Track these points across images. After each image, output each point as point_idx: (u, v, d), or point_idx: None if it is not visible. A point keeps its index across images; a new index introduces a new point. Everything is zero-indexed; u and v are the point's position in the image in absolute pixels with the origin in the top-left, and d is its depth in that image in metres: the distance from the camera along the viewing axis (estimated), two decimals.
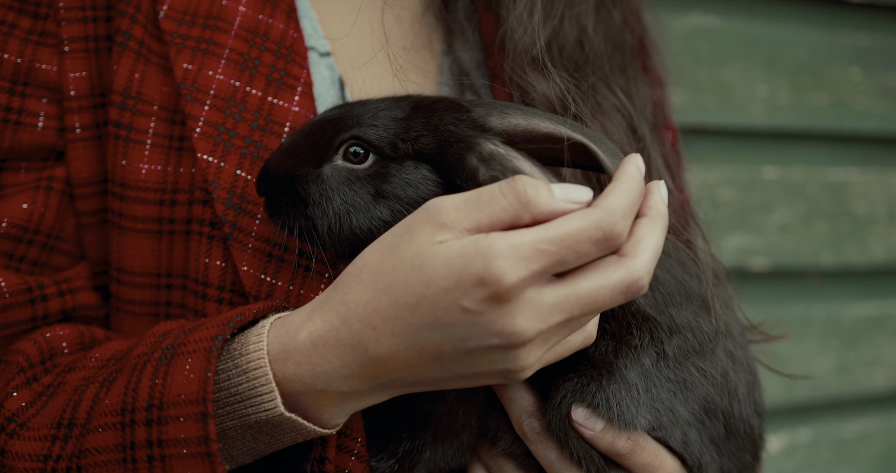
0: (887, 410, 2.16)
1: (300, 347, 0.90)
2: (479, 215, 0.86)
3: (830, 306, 2.07)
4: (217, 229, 1.05)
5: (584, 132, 0.98)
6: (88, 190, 1.12)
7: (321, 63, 1.17)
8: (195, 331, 0.95)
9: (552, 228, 0.85)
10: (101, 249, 1.12)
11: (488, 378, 0.90)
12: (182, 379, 0.91)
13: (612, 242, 0.86)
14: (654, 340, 0.99)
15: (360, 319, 0.88)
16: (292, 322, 0.92)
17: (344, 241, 0.98)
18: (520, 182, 0.86)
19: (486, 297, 0.84)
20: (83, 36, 1.12)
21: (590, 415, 0.98)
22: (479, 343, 0.86)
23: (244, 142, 1.07)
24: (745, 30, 1.95)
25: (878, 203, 2.10)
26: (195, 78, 1.09)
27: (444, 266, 0.85)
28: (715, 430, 1.02)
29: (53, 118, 1.11)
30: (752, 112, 1.96)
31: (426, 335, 0.87)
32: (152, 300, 1.09)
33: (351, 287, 0.90)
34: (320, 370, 0.90)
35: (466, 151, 0.95)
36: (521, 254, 0.83)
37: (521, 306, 0.85)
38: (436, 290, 0.85)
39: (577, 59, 1.19)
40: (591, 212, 0.86)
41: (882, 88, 2.08)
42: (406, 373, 0.89)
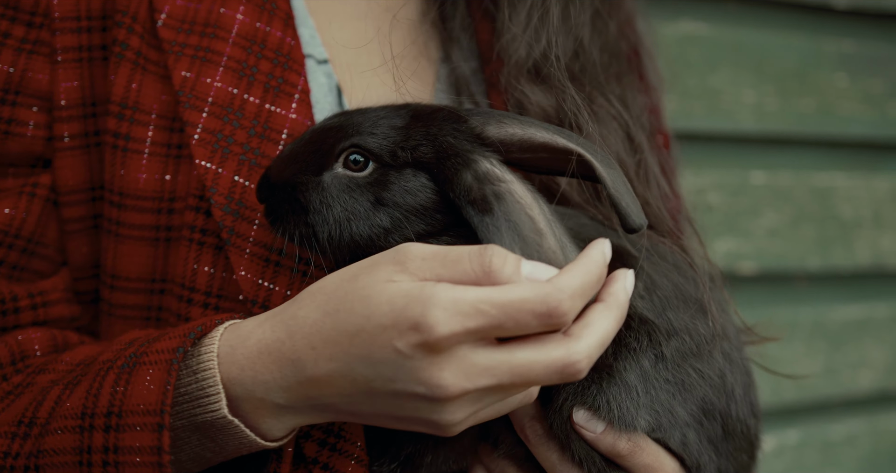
0: (873, 412, 2.18)
1: (247, 352, 0.92)
2: (441, 270, 0.87)
3: (817, 309, 2.10)
4: (208, 236, 1.06)
5: (580, 142, 0.99)
6: (74, 197, 1.12)
7: (319, 70, 1.18)
8: (158, 341, 0.96)
9: (498, 291, 0.85)
10: (87, 255, 1.13)
11: (417, 426, 0.90)
12: (142, 389, 0.92)
13: (554, 318, 0.85)
14: (653, 342, 1.00)
15: (304, 336, 0.90)
16: (244, 327, 0.94)
17: (344, 248, 1.00)
18: (489, 252, 0.87)
19: (418, 343, 0.84)
20: (76, 46, 1.12)
21: (591, 417, 0.99)
22: (406, 388, 0.86)
23: (242, 148, 1.08)
24: (733, 36, 1.97)
25: (864, 208, 2.12)
26: (193, 85, 1.09)
27: (387, 303, 0.86)
28: (713, 431, 1.03)
29: (42, 127, 1.12)
30: (740, 118, 1.98)
31: (359, 367, 0.87)
32: (144, 304, 1.10)
33: (305, 304, 0.91)
34: (261, 379, 0.91)
35: (463, 167, 0.96)
36: (459, 309, 0.84)
37: (452, 361, 0.85)
38: (374, 324, 0.86)
39: (573, 70, 1.20)
40: (541, 285, 0.85)
41: (867, 94, 2.11)
42: (339, 400, 0.90)
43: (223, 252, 1.06)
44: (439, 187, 0.99)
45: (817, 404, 2.11)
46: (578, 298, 0.87)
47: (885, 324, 2.16)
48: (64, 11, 1.12)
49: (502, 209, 0.93)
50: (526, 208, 0.93)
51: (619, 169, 0.99)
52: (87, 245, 1.13)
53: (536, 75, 1.16)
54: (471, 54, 1.27)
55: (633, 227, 0.97)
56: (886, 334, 2.16)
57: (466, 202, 0.94)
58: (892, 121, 2.14)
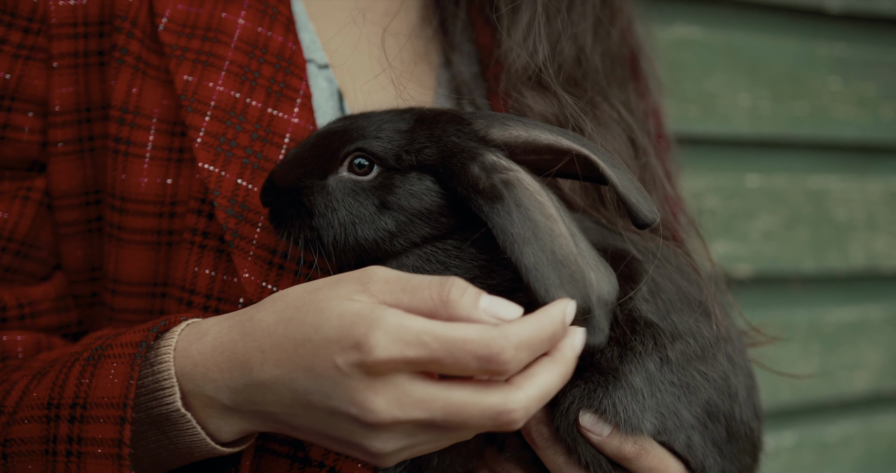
0: (867, 413, 2.19)
1: (202, 348, 0.93)
2: (401, 295, 0.88)
3: (812, 311, 2.11)
4: (210, 239, 1.07)
5: (585, 143, 1.00)
6: (69, 202, 1.13)
7: (320, 75, 1.19)
8: (124, 334, 0.98)
9: (444, 327, 0.84)
10: (82, 258, 1.14)
11: (350, 450, 0.90)
12: (106, 382, 0.94)
13: (493, 365, 0.84)
14: (658, 345, 1.00)
15: (255, 339, 0.91)
16: (204, 325, 0.96)
17: (349, 252, 1.00)
18: (449, 282, 0.87)
19: (357, 362, 0.85)
20: (73, 52, 1.12)
21: (597, 421, 0.99)
22: (340, 407, 0.87)
23: (245, 152, 1.09)
24: (727, 40, 1.98)
25: (857, 210, 2.13)
26: (196, 89, 1.10)
27: (337, 318, 0.87)
28: (717, 433, 1.04)
29: (38, 132, 1.12)
30: (735, 121, 1.99)
31: (300, 377, 0.88)
32: (146, 308, 1.10)
33: (264, 307, 0.92)
34: (211, 377, 0.92)
35: (469, 160, 0.97)
36: (401, 336, 0.84)
37: (387, 387, 0.85)
38: (321, 337, 0.87)
39: (575, 76, 1.20)
40: (488, 329, 0.84)
41: (860, 97, 2.12)
42: (279, 409, 0.91)
43: (224, 255, 1.06)
44: (445, 190, 0.99)
45: (813, 405, 2.12)
46: (524, 349, 0.85)
47: (880, 326, 2.18)
48: (61, 17, 1.12)
49: (512, 195, 0.93)
50: (535, 193, 0.94)
51: (625, 168, 1.00)
52: (82, 249, 1.14)
53: (537, 82, 1.17)
54: (471, 59, 1.27)
55: (646, 222, 0.97)
56: (880, 335, 2.17)
57: (475, 193, 0.94)
58: (885, 124, 2.15)
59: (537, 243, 0.91)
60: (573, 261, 0.92)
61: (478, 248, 1.00)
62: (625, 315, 1.00)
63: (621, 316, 1.00)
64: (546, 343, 0.88)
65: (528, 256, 0.90)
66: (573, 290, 0.90)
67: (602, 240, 1.05)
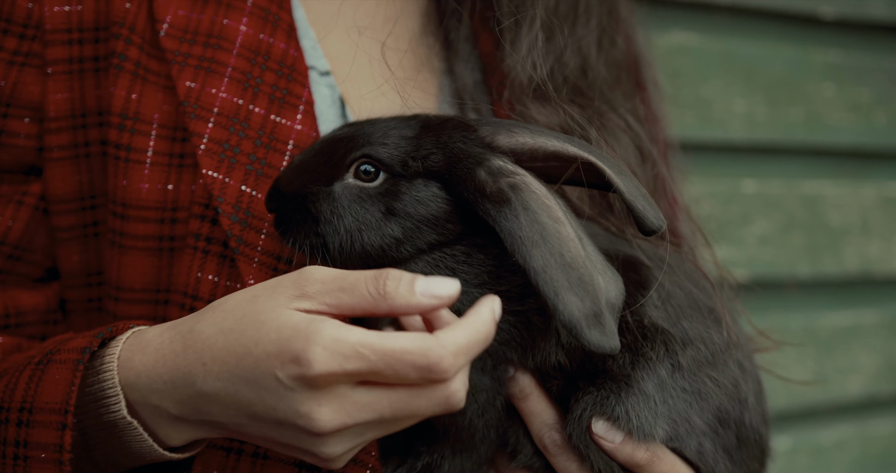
0: (862, 417, 2.20)
1: (145, 359, 0.94)
2: (342, 295, 0.88)
3: (807, 315, 2.11)
4: (213, 244, 1.06)
5: (591, 150, 1.00)
6: (65, 207, 1.13)
7: (321, 82, 1.18)
8: (73, 339, 0.99)
9: (380, 338, 0.85)
10: (78, 263, 1.13)
11: (301, 455, 0.92)
12: (51, 388, 0.95)
13: (433, 374, 0.85)
14: (669, 352, 1.01)
15: (196, 351, 0.91)
16: (146, 335, 0.96)
17: (355, 258, 0.99)
18: (384, 274, 0.88)
19: (297, 376, 0.85)
20: (67, 58, 1.12)
21: (610, 428, 0.99)
22: (286, 417, 0.87)
23: (248, 159, 1.08)
24: (723, 47, 1.98)
25: (851, 215, 2.14)
26: (198, 96, 1.09)
27: (276, 331, 0.87)
28: (727, 439, 1.04)
29: (34, 138, 1.12)
30: (730, 127, 1.99)
31: (243, 390, 0.89)
32: (150, 315, 1.10)
33: (204, 318, 0.93)
34: (155, 387, 0.93)
35: (475, 165, 0.97)
36: (339, 350, 0.84)
37: (330, 397, 0.86)
38: (260, 351, 0.87)
39: (581, 86, 1.21)
40: (424, 338, 0.85)
41: (853, 103, 2.13)
42: (226, 419, 0.91)
43: (228, 261, 1.06)
44: (451, 196, 0.99)
45: (808, 410, 2.12)
46: (462, 355, 0.86)
47: (874, 330, 2.18)
48: (56, 23, 1.12)
49: (519, 199, 0.93)
50: (542, 197, 0.94)
51: (630, 175, 1.00)
52: (78, 253, 1.13)
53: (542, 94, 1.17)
54: (474, 65, 1.27)
55: (652, 229, 0.97)
56: (875, 340, 2.18)
57: (482, 197, 0.94)
58: (878, 129, 2.17)
59: (545, 246, 0.91)
60: (581, 264, 0.91)
61: (486, 253, 1.00)
62: (635, 321, 1.00)
63: (632, 322, 1.00)
64: (482, 344, 0.89)
65: (536, 258, 0.90)
66: (582, 293, 0.90)
67: (611, 246, 1.05)
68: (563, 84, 1.18)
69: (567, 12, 1.20)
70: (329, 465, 0.91)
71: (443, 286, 0.88)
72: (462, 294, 0.98)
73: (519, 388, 1.02)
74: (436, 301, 0.88)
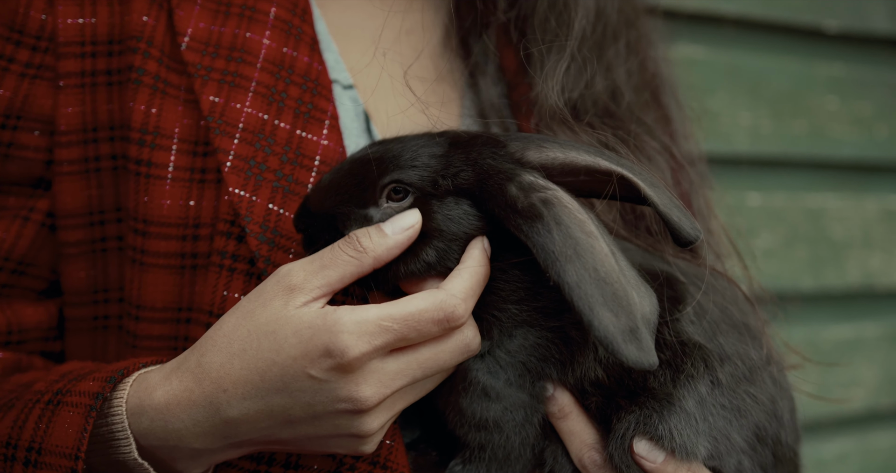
0: (863, 430, 2.21)
1: (155, 404, 0.95)
2: (327, 272, 0.93)
3: (810, 328, 2.12)
4: (240, 262, 1.05)
5: (623, 163, 0.99)
6: (73, 222, 1.11)
7: (345, 95, 1.17)
8: (84, 380, 0.99)
9: (397, 306, 0.91)
10: (85, 279, 1.12)
11: (337, 444, 0.96)
12: (62, 432, 0.96)
13: (452, 322, 0.93)
14: (709, 368, 1.00)
15: (213, 381, 0.93)
16: (151, 380, 0.97)
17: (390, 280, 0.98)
18: (352, 236, 0.95)
19: (332, 367, 0.90)
20: (79, 72, 1.10)
21: (652, 447, 0.98)
22: (326, 408, 0.91)
23: (275, 176, 1.06)
24: (729, 60, 1.99)
25: (854, 228, 2.15)
26: (223, 111, 1.07)
27: (294, 335, 0.91)
28: (765, 457, 1.03)
29: (43, 151, 1.11)
30: (735, 140, 1.99)
31: (275, 399, 0.92)
32: (171, 334, 1.08)
33: (206, 349, 0.95)
34: (173, 427, 0.94)
35: (506, 181, 0.96)
36: (364, 330, 0.89)
37: (367, 375, 0.91)
38: (285, 357, 0.91)
39: (611, 109, 1.20)
40: (435, 293, 0.92)
41: (856, 116, 2.14)
42: (257, 434, 0.94)
43: (254, 279, 1.04)
44: (482, 213, 0.97)
45: (810, 423, 2.12)
46: (471, 298, 0.95)
47: (876, 343, 2.19)
48: (68, 36, 1.10)
49: (552, 213, 0.92)
50: (575, 211, 0.93)
51: (663, 187, 0.99)
52: (85, 270, 1.12)
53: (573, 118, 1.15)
54: (497, 79, 1.26)
55: (689, 239, 0.96)
56: (876, 353, 2.19)
57: (514, 213, 0.94)
58: (880, 143, 2.18)
59: (579, 261, 0.90)
60: (616, 279, 0.91)
61: (522, 270, 0.99)
62: (673, 337, 0.99)
63: (669, 338, 0.99)
64: (483, 283, 0.97)
65: (570, 274, 0.90)
66: (617, 308, 0.90)
67: (644, 262, 1.04)
68: (593, 107, 1.17)
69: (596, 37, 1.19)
70: (365, 446, 0.95)
71: (407, 218, 0.96)
72: (500, 311, 0.98)
73: (558, 407, 1.01)
74: (409, 232, 0.95)
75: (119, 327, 1.12)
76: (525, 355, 0.99)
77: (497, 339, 0.99)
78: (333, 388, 0.90)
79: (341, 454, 1.01)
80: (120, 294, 1.12)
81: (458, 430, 1.00)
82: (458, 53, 1.27)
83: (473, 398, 0.98)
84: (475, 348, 0.96)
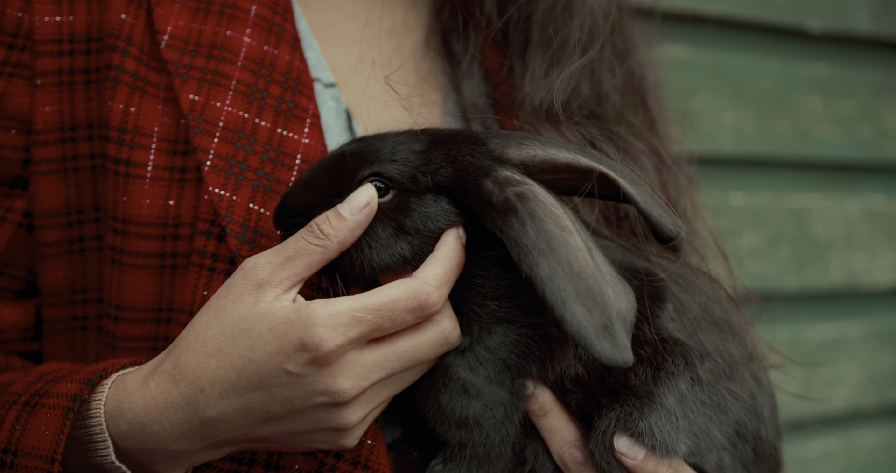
0: (847, 429, 2.21)
1: (133, 407, 0.95)
2: (293, 263, 0.93)
3: (793, 328, 2.12)
4: (220, 262, 1.04)
5: (603, 161, 0.99)
6: (50, 221, 1.10)
7: (326, 94, 1.17)
8: (61, 382, 0.99)
9: (370, 297, 0.91)
10: (63, 279, 1.11)
11: (317, 439, 0.96)
12: (38, 434, 0.96)
13: (426, 310, 0.93)
14: (689, 365, 1.00)
15: (190, 382, 0.93)
16: (129, 383, 0.97)
17: (366, 275, 0.98)
18: (312, 224, 0.95)
19: (308, 361, 0.90)
20: (57, 70, 1.09)
21: (633, 444, 0.98)
22: (305, 403, 0.92)
23: (256, 174, 1.06)
24: (712, 60, 1.99)
25: (837, 228, 2.16)
26: (203, 109, 1.07)
27: (269, 331, 0.91)
28: (745, 453, 1.03)
29: (20, 150, 1.10)
30: (719, 140, 2.00)
31: (253, 396, 0.92)
32: (151, 334, 1.07)
33: (182, 350, 0.94)
34: (151, 430, 0.94)
35: (483, 176, 0.96)
36: (338, 322, 0.89)
37: (343, 367, 0.91)
38: (260, 354, 0.91)
39: (596, 112, 1.20)
40: (407, 282, 0.92)
41: (839, 117, 2.15)
42: (237, 433, 0.94)
43: None
44: (461, 208, 0.97)
45: (793, 422, 2.13)
46: (444, 286, 0.94)
47: (858, 343, 2.20)
48: (46, 34, 1.09)
49: (526, 207, 0.91)
50: (550, 206, 0.92)
51: (644, 184, 0.99)
52: (63, 270, 1.11)
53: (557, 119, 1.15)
54: (479, 77, 1.26)
55: (670, 236, 0.96)
56: (859, 352, 2.20)
57: (489, 207, 0.93)
58: (863, 143, 2.19)
59: (552, 255, 0.89)
60: (590, 274, 0.90)
61: (502, 267, 0.99)
62: (653, 334, 0.99)
63: (650, 335, 0.99)
64: (457, 270, 0.96)
65: (542, 267, 0.89)
66: (591, 303, 0.88)
67: (625, 259, 1.04)
68: (579, 110, 1.17)
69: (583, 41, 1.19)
70: (346, 439, 0.95)
71: (361, 196, 0.96)
72: (479, 307, 0.98)
73: (539, 405, 1.00)
74: (367, 210, 0.95)
75: (98, 327, 1.11)
76: (505, 352, 0.98)
77: (477, 335, 0.98)
78: (311, 382, 0.90)
79: (322, 452, 1.00)
80: (99, 295, 1.11)
81: (439, 428, 1.00)
82: (440, 53, 1.27)
83: (453, 394, 0.98)
84: (454, 340, 0.96)
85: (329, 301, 0.90)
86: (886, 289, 2.24)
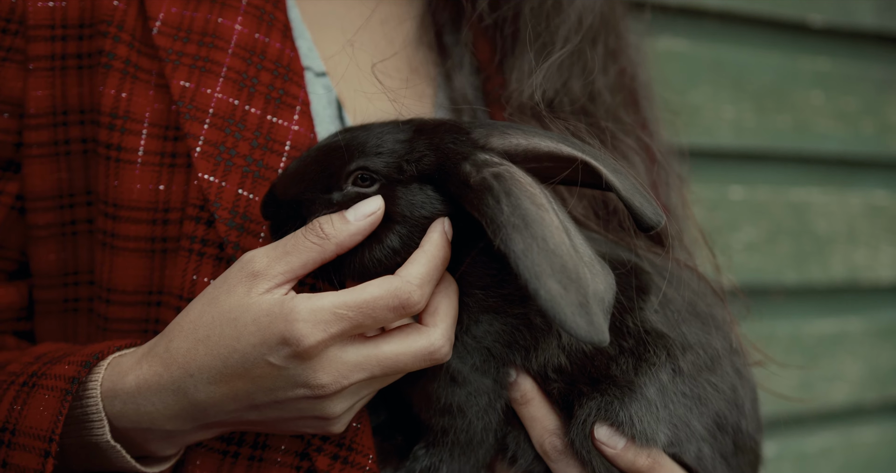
0: (847, 424, 2.21)
1: (127, 388, 0.97)
2: (289, 258, 0.94)
3: (793, 322, 2.12)
4: (209, 246, 1.05)
5: (586, 150, 0.99)
6: (42, 204, 1.12)
7: (317, 83, 1.17)
8: (59, 363, 1.01)
9: (352, 294, 0.92)
10: (54, 262, 1.12)
11: (304, 425, 0.98)
12: (37, 414, 0.98)
13: (408, 309, 0.93)
14: (671, 356, 1.00)
15: (180, 366, 0.95)
16: (124, 364, 0.99)
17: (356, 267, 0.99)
18: (314, 223, 0.95)
19: (290, 355, 0.91)
20: (49, 55, 1.10)
21: (612, 434, 0.99)
22: (287, 394, 0.94)
23: (245, 161, 1.07)
24: (712, 53, 1.99)
25: (838, 223, 2.15)
26: (193, 96, 1.08)
27: (253, 323, 0.92)
28: (725, 445, 1.04)
29: (13, 133, 1.11)
30: (718, 133, 2.00)
31: (238, 385, 0.94)
32: (142, 317, 1.09)
33: (174, 335, 0.97)
34: (144, 410, 0.97)
35: (462, 160, 0.96)
36: (320, 318, 0.91)
37: (324, 363, 0.92)
38: (245, 344, 0.93)
39: (587, 108, 1.21)
40: (389, 280, 0.93)
41: (841, 111, 2.14)
42: (226, 416, 0.97)
43: (223, 263, 1.05)
44: (445, 197, 0.98)
45: (793, 417, 2.13)
46: (427, 284, 0.94)
47: (859, 338, 2.19)
48: (39, 19, 1.10)
49: (502, 186, 0.91)
50: (526, 184, 0.92)
51: (626, 173, 0.99)
52: (55, 252, 1.12)
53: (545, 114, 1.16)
54: (470, 69, 1.26)
55: (650, 224, 0.96)
56: (860, 348, 2.19)
57: (467, 189, 0.94)
58: (865, 138, 2.18)
59: (527, 230, 0.88)
60: (566, 252, 0.89)
61: (489, 256, 0.99)
62: (636, 326, 1.00)
63: (633, 326, 0.99)
64: (441, 268, 0.96)
65: (516, 242, 0.87)
66: (566, 281, 0.87)
67: (611, 252, 1.05)
68: (570, 107, 1.18)
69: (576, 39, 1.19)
70: (332, 427, 0.97)
71: (369, 204, 0.96)
72: (468, 296, 0.99)
73: (521, 393, 1.01)
74: (372, 218, 0.96)
75: (89, 309, 1.12)
76: (490, 340, 0.99)
77: (465, 324, 0.99)
78: (292, 375, 0.92)
79: (310, 434, 1.02)
80: (90, 277, 1.12)
81: (424, 414, 1.01)
82: (432, 45, 1.27)
83: (442, 382, 0.99)
84: (440, 358, 0.96)
85: (312, 296, 0.91)
86: (888, 284, 2.23)
